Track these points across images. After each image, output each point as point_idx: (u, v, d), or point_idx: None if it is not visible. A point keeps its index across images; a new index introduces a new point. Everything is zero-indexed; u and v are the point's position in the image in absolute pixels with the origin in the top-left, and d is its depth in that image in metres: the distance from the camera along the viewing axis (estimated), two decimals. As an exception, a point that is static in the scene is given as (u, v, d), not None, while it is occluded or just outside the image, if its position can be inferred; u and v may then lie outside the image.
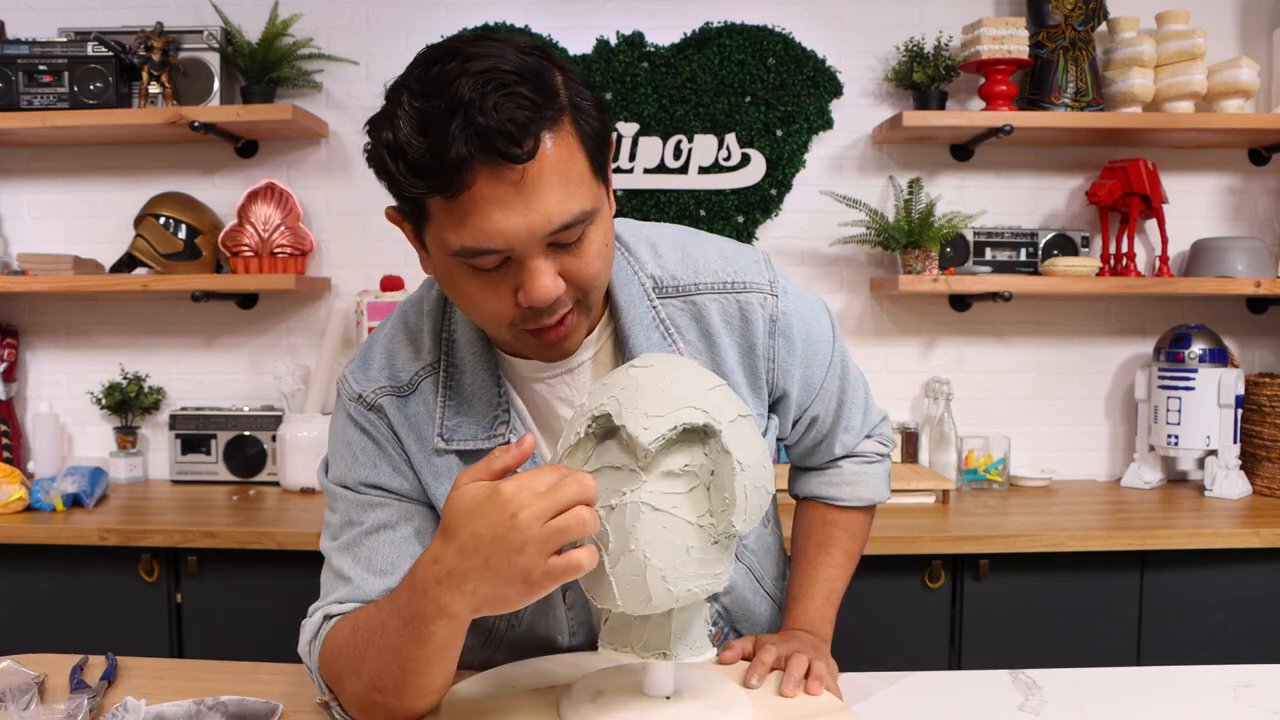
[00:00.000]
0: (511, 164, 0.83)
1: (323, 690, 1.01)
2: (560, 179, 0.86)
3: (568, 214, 0.87)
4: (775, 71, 2.55)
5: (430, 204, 0.87)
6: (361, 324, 2.47)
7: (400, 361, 1.06)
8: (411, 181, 0.85)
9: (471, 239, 0.86)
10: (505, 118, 0.81)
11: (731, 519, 0.88)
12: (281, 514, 2.26)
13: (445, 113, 0.82)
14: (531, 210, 0.85)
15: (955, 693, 1.14)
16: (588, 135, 0.89)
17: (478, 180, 0.84)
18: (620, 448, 0.89)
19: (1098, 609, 2.13)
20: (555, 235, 0.88)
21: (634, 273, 1.06)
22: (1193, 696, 1.11)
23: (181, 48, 2.47)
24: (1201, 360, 2.43)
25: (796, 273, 2.64)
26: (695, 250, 1.09)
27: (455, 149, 0.81)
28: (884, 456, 1.31)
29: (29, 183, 2.67)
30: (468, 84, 0.82)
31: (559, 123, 0.87)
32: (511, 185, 0.84)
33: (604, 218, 0.94)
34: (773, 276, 1.11)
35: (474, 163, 0.82)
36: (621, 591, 0.88)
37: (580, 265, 0.92)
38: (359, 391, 1.06)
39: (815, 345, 1.16)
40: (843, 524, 1.28)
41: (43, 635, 2.12)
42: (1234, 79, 2.42)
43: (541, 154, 0.85)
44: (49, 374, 2.72)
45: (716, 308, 1.07)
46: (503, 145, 0.82)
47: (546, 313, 0.92)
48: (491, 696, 1.04)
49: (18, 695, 1.05)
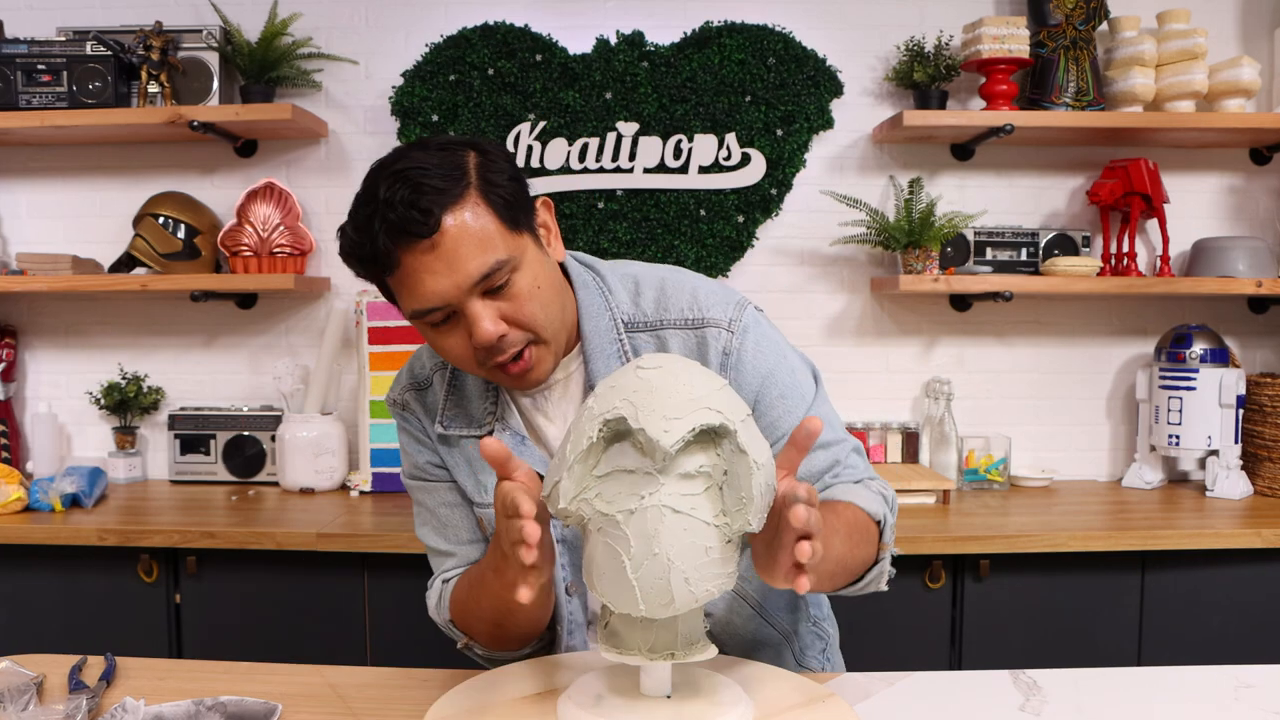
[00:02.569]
0: (420, 239, 1.04)
1: (457, 637, 1.23)
2: (471, 240, 1.05)
3: (484, 266, 1.05)
4: (775, 71, 2.55)
5: (388, 283, 1.10)
6: (361, 324, 2.47)
7: (420, 363, 1.29)
8: (362, 271, 1.11)
9: (415, 303, 1.07)
10: (409, 207, 1.03)
11: (748, 517, 0.88)
12: (281, 514, 2.25)
13: (370, 214, 1.05)
14: (453, 270, 1.05)
15: (956, 693, 1.14)
16: (497, 204, 1.07)
17: (403, 259, 1.05)
18: (635, 450, 0.88)
19: (1098, 609, 2.12)
20: (479, 285, 1.06)
21: (606, 308, 1.20)
22: (1193, 697, 1.11)
23: (180, 47, 2.47)
24: (1202, 360, 2.43)
25: (796, 272, 2.64)
26: (671, 290, 1.21)
27: (381, 241, 1.05)
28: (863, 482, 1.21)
29: (28, 182, 2.67)
30: (384, 187, 1.04)
31: (463, 198, 1.05)
32: (430, 256, 1.04)
33: (530, 264, 1.10)
34: (736, 316, 1.19)
35: (395, 247, 1.05)
36: (644, 595, 0.88)
37: (515, 307, 1.08)
38: (392, 398, 1.30)
39: (773, 386, 1.18)
40: (837, 509, 1.12)
41: (41, 635, 2.12)
42: (1235, 78, 2.42)
43: (446, 228, 1.04)
44: (48, 374, 2.71)
45: (678, 341, 1.19)
46: (412, 228, 1.03)
47: (498, 351, 1.09)
48: (491, 698, 1.04)
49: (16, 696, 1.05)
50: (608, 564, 0.89)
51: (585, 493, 0.90)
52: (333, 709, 1.09)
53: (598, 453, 0.90)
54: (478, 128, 2.55)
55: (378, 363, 2.46)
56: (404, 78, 2.57)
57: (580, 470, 0.90)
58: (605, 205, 2.57)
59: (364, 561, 2.10)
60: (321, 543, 2.07)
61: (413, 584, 2.09)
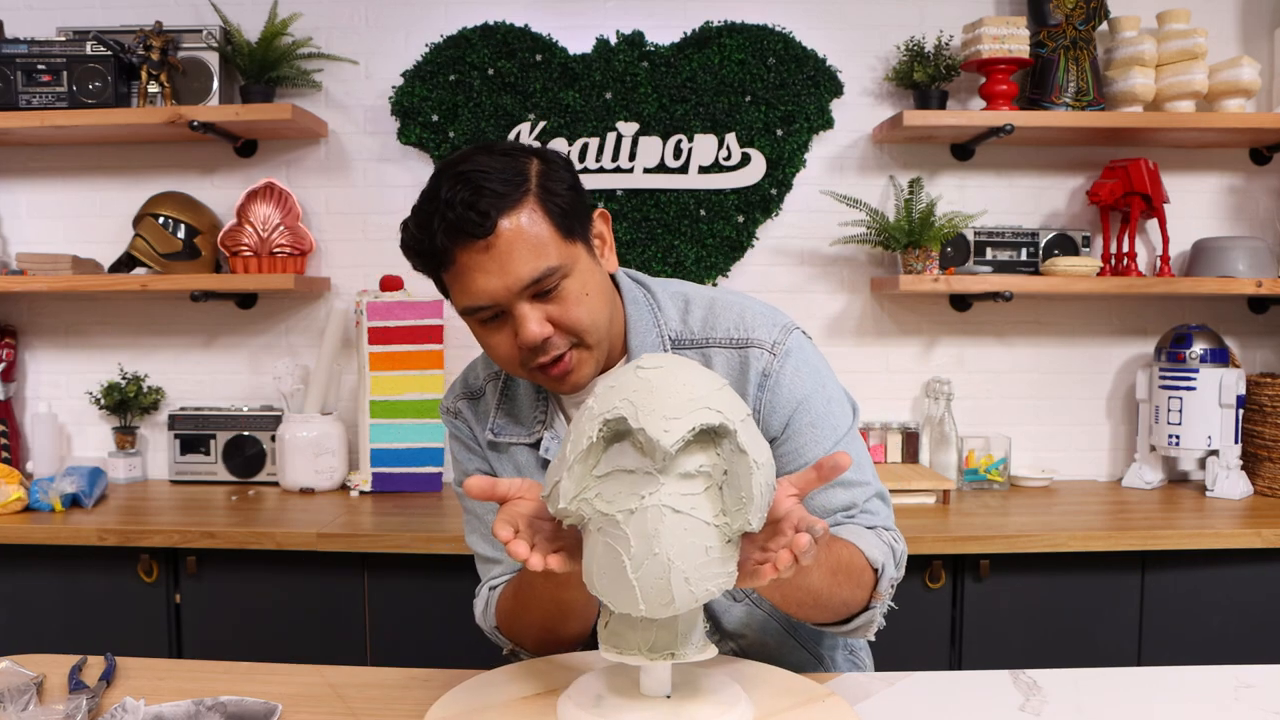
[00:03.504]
0: (476, 239, 1.07)
1: (503, 644, 1.25)
2: (525, 245, 1.08)
3: (535, 271, 1.09)
4: (775, 71, 2.55)
5: (444, 279, 1.14)
6: (361, 324, 2.47)
7: (475, 373, 1.33)
8: (419, 265, 1.15)
9: (467, 300, 1.12)
10: (467, 208, 1.07)
11: (748, 516, 0.88)
12: (281, 514, 2.25)
13: (430, 212, 1.09)
14: (504, 272, 1.08)
15: (956, 693, 1.14)
16: (555, 210, 1.11)
17: (459, 257, 1.09)
18: (635, 450, 0.88)
19: (1098, 609, 2.12)
20: (529, 288, 1.09)
21: (655, 324, 1.23)
22: (1193, 697, 1.11)
23: (180, 47, 2.47)
24: (1203, 360, 2.43)
25: (797, 272, 2.64)
26: (720, 310, 1.24)
27: (439, 238, 1.09)
28: (876, 530, 1.18)
29: (28, 182, 2.67)
30: (446, 187, 1.08)
31: (521, 203, 1.09)
32: (485, 256, 1.08)
33: (581, 271, 1.13)
34: (780, 339, 1.21)
35: (452, 246, 1.09)
36: (644, 595, 0.88)
37: (562, 311, 1.12)
38: (446, 405, 1.34)
39: (805, 413, 1.19)
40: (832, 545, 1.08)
41: (41, 636, 2.12)
42: (1235, 78, 2.42)
43: (501, 230, 1.08)
44: (48, 374, 2.71)
45: (722, 359, 1.21)
46: (468, 228, 1.07)
47: (541, 352, 1.12)
48: (491, 698, 1.04)
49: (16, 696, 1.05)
50: (608, 564, 0.89)
51: (585, 493, 0.90)
52: (333, 709, 1.09)
53: (598, 453, 0.90)
54: (478, 128, 2.55)
55: (378, 363, 2.46)
56: (404, 78, 2.57)
57: (580, 470, 0.90)
58: (605, 205, 2.57)
59: (364, 561, 2.10)
60: (321, 543, 2.07)
61: (413, 584, 2.10)
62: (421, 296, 2.56)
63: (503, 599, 1.22)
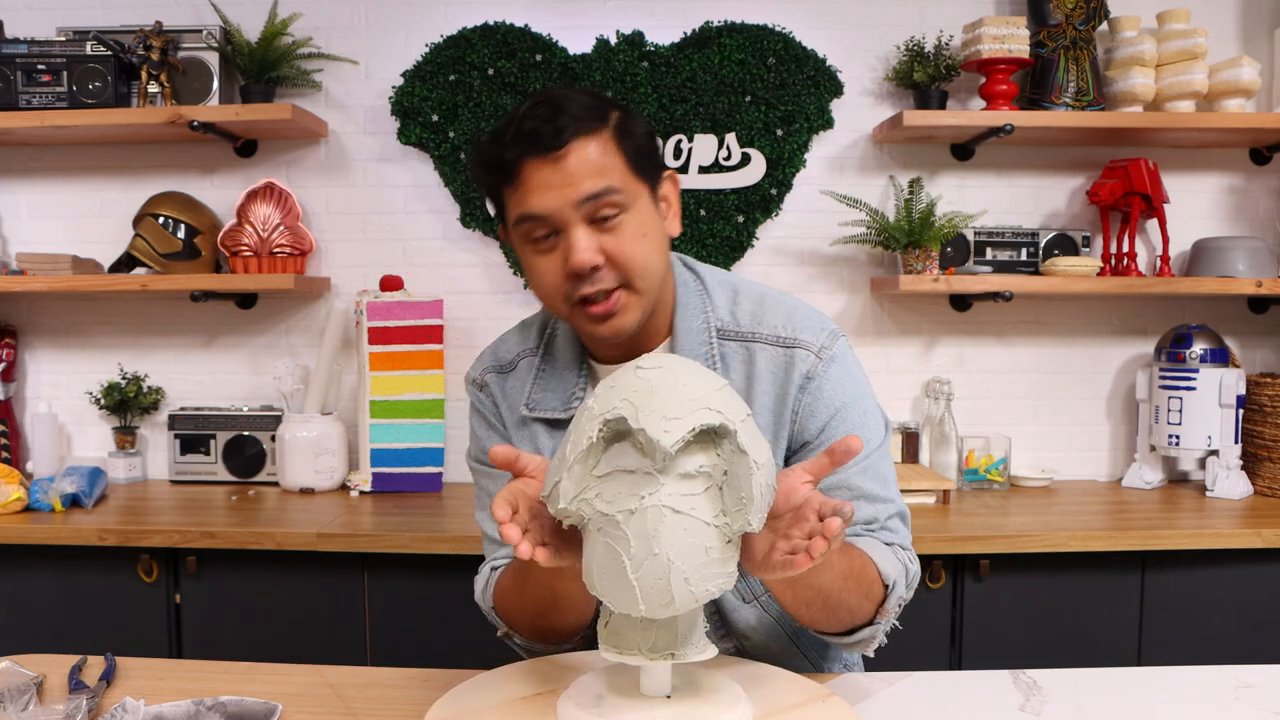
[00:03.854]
0: (547, 153, 1.08)
1: (498, 625, 1.22)
2: (592, 167, 1.09)
3: (595, 186, 1.08)
4: (775, 71, 2.55)
5: (504, 193, 1.13)
6: (361, 324, 2.47)
7: (507, 347, 1.32)
8: (485, 177, 1.15)
9: (523, 208, 1.10)
10: (545, 123, 1.08)
11: (748, 517, 0.88)
12: (281, 514, 2.25)
13: (506, 125, 1.11)
14: (566, 184, 1.08)
15: (956, 693, 1.14)
16: (628, 147, 1.12)
17: (524, 168, 1.10)
18: (635, 450, 0.88)
19: (1098, 609, 2.12)
20: (586, 205, 1.09)
21: (702, 310, 1.22)
22: (1193, 697, 1.11)
23: (180, 47, 2.47)
24: (1203, 360, 2.43)
25: (797, 272, 2.64)
26: (769, 306, 1.23)
27: (509, 149, 1.10)
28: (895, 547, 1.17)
29: (28, 182, 2.67)
30: (528, 105, 1.11)
31: (597, 131, 1.10)
32: (551, 169, 1.09)
33: (642, 211, 1.13)
34: (828, 344, 1.20)
35: (520, 156, 1.09)
36: (644, 595, 0.88)
37: (617, 244, 1.10)
38: (473, 376, 1.33)
39: (843, 421, 1.19)
40: (849, 552, 1.08)
41: (41, 636, 2.12)
42: (1235, 78, 2.42)
43: (573, 148, 1.08)
44: (48, 374, 2.71)
45: (766, 357, 1.20)
46: (540, 140, 1.08)
47: (587, 282, 1.11)
48: (491, 698, 1.04)
49: (16, 696, 1.05)
50: (608, 564, 0.89)
51: (585, 493, 0.90)
52: (333, 709, 1.09)
53: (598, 453, 0.90)
54: (478, 128, 2.55)
55: (378, 363, 2.47)
56: (404, 78, 2.57)
57: (580, 470, 0.90)
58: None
59: (364, 561, 2.10)
60: (321, 543, 2.07)
61: (413, 584, 2.10)
62: (421, 296, 2.56)
63: (502, 578, 1.21)
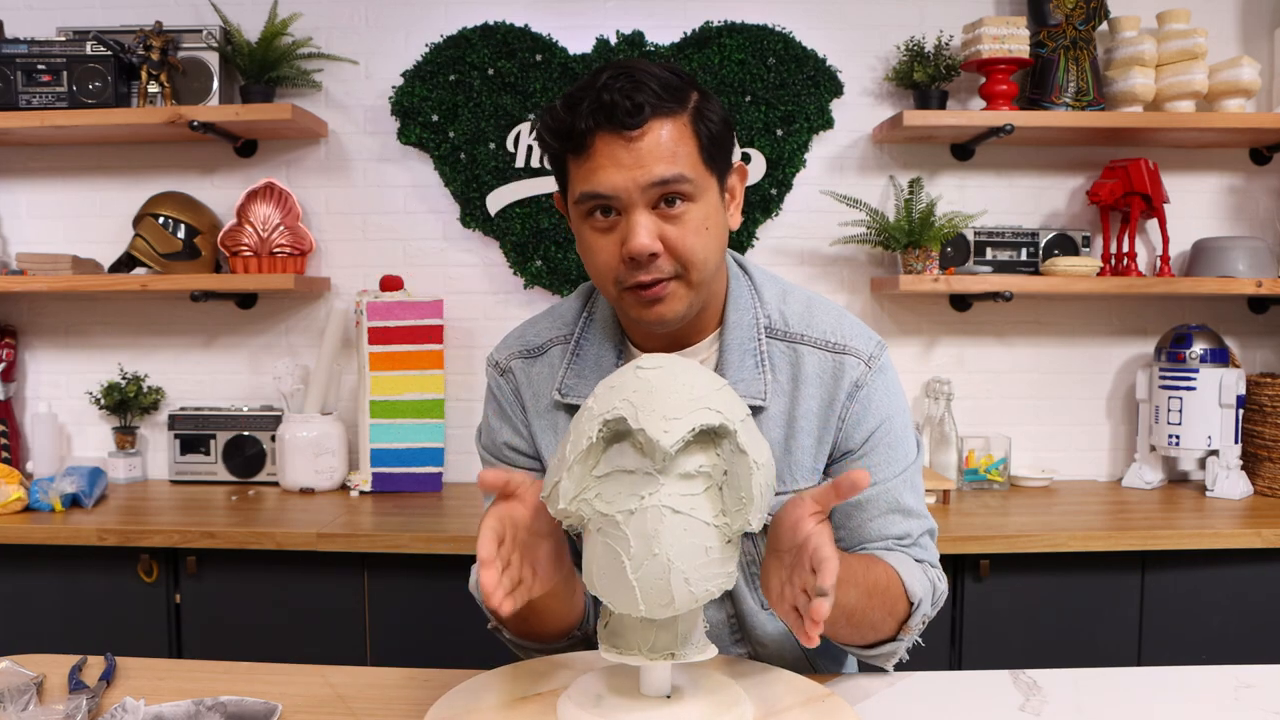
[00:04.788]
0: (623, 130, 1.05)
1: (489, 617, 1.19)
2: (666, 152, 1.06)
3: (666, 172, 1.05)
4: (775, 71, 2.55)
5: (568, 163, 1.10)
6: (361, 324, 2.47)
7: (536, 331, 1.28)
8: (553, 144, 1.10)
9: (589, 185, 1.07)
10: (624, 97, 1.04)
11: (748, 517, 0.88)
12: (281, 514, 2.25)
13: (584, 94, 1.06)
14: (638, 166, 1.05)
15: (955, 693, 1.14)
16: (703, 134, 1.09)
17: (598, 143, 1.06)
18: (635, 450, 0.88)
19: (1098, 609, 2.12)
20: (654, 190, 1.06)
21: (752, 304, 1.21)
22: (1193, 697, 1.11)
23: (180, 47, 2.47)
24: (1202, 360, 2.43)
25: (797, 272, 2.63)
26: (818, 310, 1.22)
27: (584, 119, 1.05)
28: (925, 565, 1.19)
29: (28, 182, 2.67)
30: (606, 76, 1.06)
31: (675, 114, 1.07)
32: (624, 148, 1.05)
33: (708, 203, 1.10)
34: (877, 354, 1.20)
35: (595, 129, 1.05)
36: (644, 596, 0.88)
37: (679, 235, 1.08)
38: (496, 359, 1.29)
39: (888, 432, 1.19)
40: (875, 568, 1.10)
41: (41, 636, 2.12)
42: (1235, 78, 2.42)
43: (650, 129, 1.05)
44: (48, 374, 2.71)
45: (814, 360, 1.19)
46: (619, 115, 1.04)
47: (641, 269, 1.08)
48: (491, 698, 1.04)
49: (16, 696, 1.05)
50: (608, 564, 0.89)
51: (585, 493, 0.90)
52: (333, 709, 1.09)
53: (597, 453, 0.90)
54: (478, 128, 2.55)
55: (378, 363, 2.46)
56: (404, 78, 2.57)
57: (580, 470, 0.90)
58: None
59: (364, 561, 2.10)
60: (321, 543, 2.07)
61: (413, 584, 2.10)
62: (421, 296, 2.56)
63: None
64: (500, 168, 2.57)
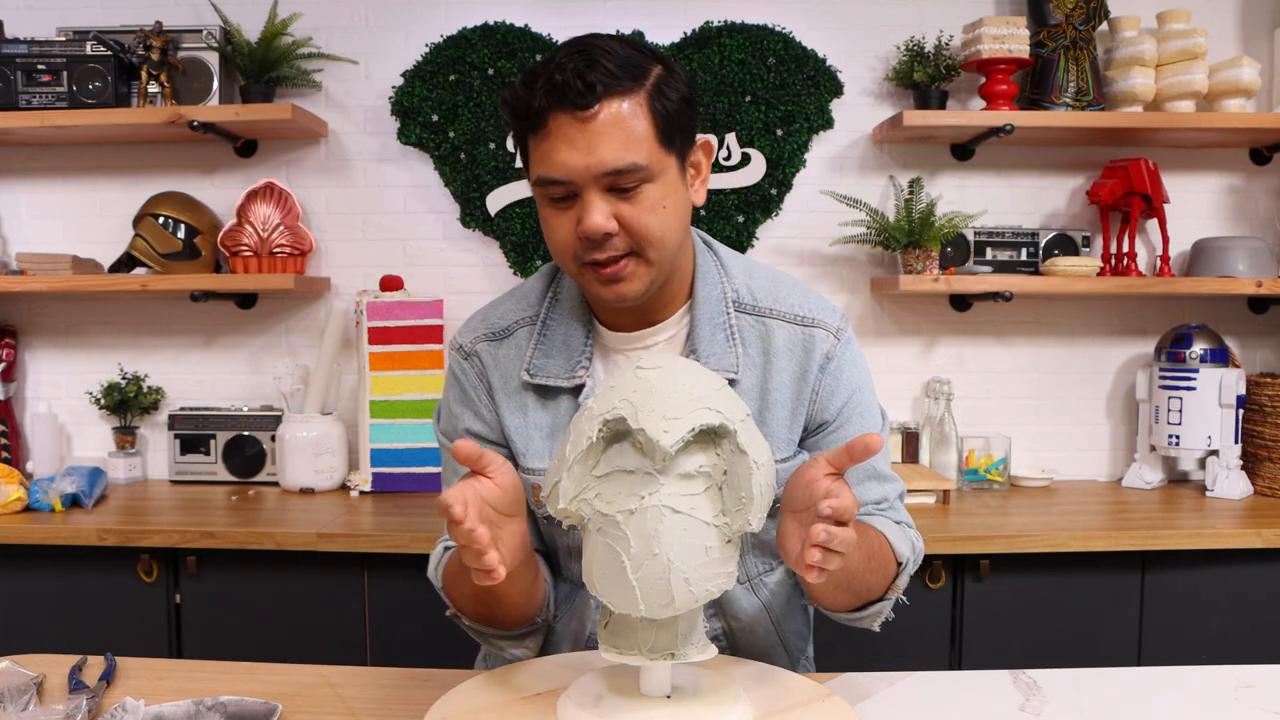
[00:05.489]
0: (575, 110, 1.04)
1: (447, 603, 1.18)
2: (621, 134, 1.05)
3: (620, 161, 1.05)
4: (775, 71, 2.55)
5: (529, 143, 1.10)
6: (361, 324, 2.47)
7: (500, 314, 1.26)
8: (512, 122, 1.11)
9: (544, 169, 1.08)
10: (576, 76, 1.03)
11: (748, 517, 0.88)
12: (281, 514, 2.25)
13: (539, 71, 1.06)
14: (591, 152, 1.05)
15: (955, 693, 1.14)
16: (659, 113, 1.08)
17: (550, 122, 1.06)
18: (635, 450, 0.88)
19: (1098, 609, 2.12)
20: (609, 178, 1.06)
21: (720, 280, 1.22)
22: (1194, 697, 1.11)
23: (180, 47, 2.47)
24: (1203, 360, 2.43)
25: (797, 272, 2.63)
26: (785, 286, 1.24)
27: (539, 98, 1.05)
28: (903, 525, 1.22)
29: (28, 182, 2.67)
30: (562, 54, 1.06)
31: (631, 93, 1.06)
32: (578, 129, 1.05)
33: (665, 182, 1.09)
34: (843, 326, 1.23)
35: (549, 109, 1.05)
36: (644, 595, 0.88)
37: (634, 213, 1.07)
38: (460, 342, 1.26)
39: (858, 402, 1.22)
40: (868, 532, 1.13)
41: (41, 636, 2.12)
42: (1235, 78, 2.42)
43: (604, 109, 1.04)
44: (48, 374, 2.71)
45: (784, 334, 1.20)
46: (571, 96, 1.03)
47: (597, 248, 1.08)
48: (491, 698, 1.04)
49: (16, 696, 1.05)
50: (608, 564, 0.89)
51: (585, 493, 0.90)
52: (333, 709, 1.09)
53: (597, 453, 0.90)
54: (478, 128, 2.55)
55: (378, 363, 2.47)
56: (404, 78, 2.57)
57: (580, 470, 0.90)
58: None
59: (364, 561, 2.10)
60: (321, 543, 2.07)
61: (413, 584, 2.10)
62: (421, 296, 2.56)
63: (450, 562, 1.18)
64: (500, 168, 2.57)
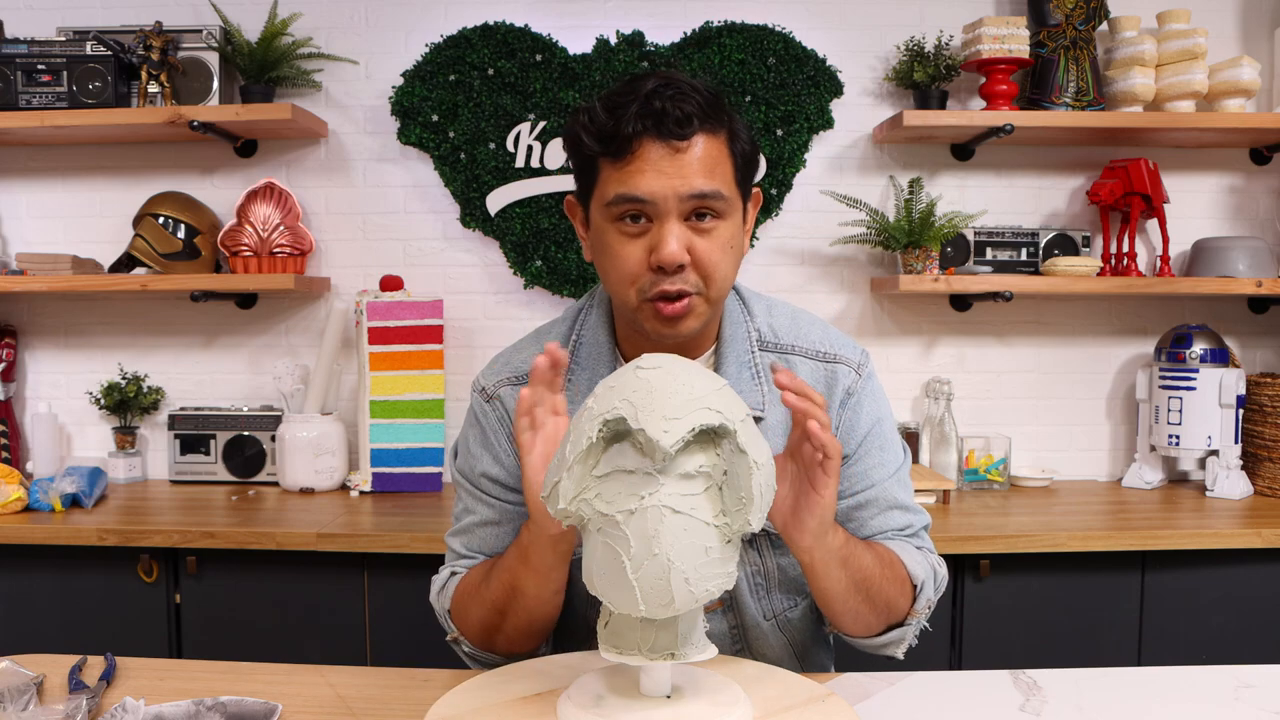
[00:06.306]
0: (670, 139, 1.06)
1: (449, 629, 1.21)
2: (706, 166, 1.08)
3: (706, 185, 1.08)
4: (775, 71, 2.55)
5: (601, 164, 1.10)
6: (361, 324, 2.47)
7: (525, 356, 1.25)
8: (589, 145, 1.10)
9: (626, 188, 1.07)
10: (674, 106, 1.06)
11: (748, 517, 0.88)
12: (281, 514, 2.25)
13: (629, 100, 1.07)
14: (681, 176, 1.07)
15: (956, 693, 1.14)
16: (738, 154, 1.12)
17: (642, 149, 1.07)
18: (635, 450, 0.88)
19: (1099, 609, 2.12)
20: (692, 202, 1.07)
21: (744, 320, 1.24)
22: (1194, 697, 1.11)
23: (180, 47, 2.47)
24: (1203, 360, 2.43)
25: (797, 272, 2.64)
26: (804, 323, 1.27)
27: (632, 124, 1.06)
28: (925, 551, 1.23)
29: (28, 182, 2.67)
30: (652, 85, 1.07)
31: (717, 132, 1.10)
32: (668, 156, 1.07)
33: (734, 223, 1.13)
34: (864, 362, 1.26)
35: (642, 134, 1.06)
36: (644, 596, 0.88)
37: (707, 249, 1.09)
38: (483, 385, 1.26)
39: (878, 435, 1.24)
40: (878, 550, 1.16)
41: (41, 635, 2.12)
42: (1235, 78, 2.42)
43: (696, 142, 1.07)
44: (48, 374, 2.71)
45: (807, 369, 1.23)
46: (671, 125, 1.06)
47: (668, 280, 1.09)
48: (491, 698, 1.04)
49: (16, 696, 1.05)
50: (607, 564, 0.89)
51: (585, 493, 0.90)
52: (333, 709, 1.09)
53: (597, 453, 0.90)
54: (478, 128, 2.55)
55: (378, 363, 2.46)
56: (404, 78, 2.57)
57: (580, 470, 0.90)
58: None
59: (364, 561, 2.10)
60: (321, 543, 2.07)
61: (413, 584, 2.10)
62: (421, 296, 2.56)
63: (467, 577, 1.20)
64: (500, 168, 2.57)
